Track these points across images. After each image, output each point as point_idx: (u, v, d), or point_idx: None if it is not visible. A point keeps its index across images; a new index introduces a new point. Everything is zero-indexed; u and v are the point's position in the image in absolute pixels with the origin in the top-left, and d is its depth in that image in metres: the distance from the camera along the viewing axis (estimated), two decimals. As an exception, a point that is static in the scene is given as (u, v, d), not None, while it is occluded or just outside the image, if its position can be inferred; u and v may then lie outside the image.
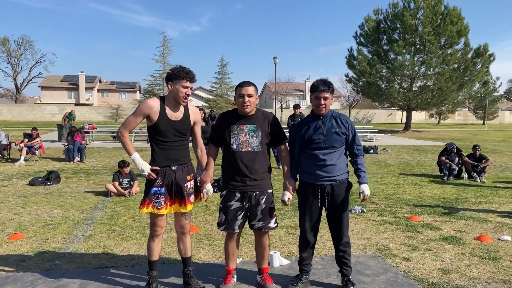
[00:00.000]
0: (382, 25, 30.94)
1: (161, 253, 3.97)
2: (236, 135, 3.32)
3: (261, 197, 3.37)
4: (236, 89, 3.37)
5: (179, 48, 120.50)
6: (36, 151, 12.32)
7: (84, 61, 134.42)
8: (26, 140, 11.99)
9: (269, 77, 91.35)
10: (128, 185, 7.50)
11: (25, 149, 11.79)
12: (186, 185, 3.33)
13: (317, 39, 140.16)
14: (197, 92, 59.94)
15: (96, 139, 20.29)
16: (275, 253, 4.10)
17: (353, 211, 6.21)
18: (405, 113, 39.09)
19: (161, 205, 3.25)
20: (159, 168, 3.25)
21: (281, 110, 49.75)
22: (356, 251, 4.50)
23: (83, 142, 12.60)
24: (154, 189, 3.25)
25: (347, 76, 33.51)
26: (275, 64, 32.77)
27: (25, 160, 11.74)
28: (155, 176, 3.23)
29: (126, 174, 7.53)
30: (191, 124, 3.39)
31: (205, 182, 3.39)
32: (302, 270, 3.57)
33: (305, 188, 3.43)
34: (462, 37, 29.01)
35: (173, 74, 3.21)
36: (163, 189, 3.26)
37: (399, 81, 31.48)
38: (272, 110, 41.92)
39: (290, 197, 3.42)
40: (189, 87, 3.22)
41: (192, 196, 3.40)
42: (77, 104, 55.01)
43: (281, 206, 6.41)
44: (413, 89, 31.03)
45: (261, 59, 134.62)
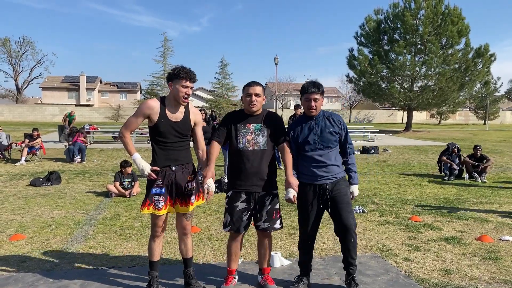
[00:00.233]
0: (382, 25, 30.96)
1: (162, 254, 3.97)
2: (243, 133, 3.33)
3: (266, 197, 3.38)
4: (243, 88, 3.40)
5: (180, 48, 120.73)
6: (37, 152, 12.33)
7: (84, 62, 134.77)
8: (27, 140, 12.00)
9: (269, 77, 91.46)
10: (130, 185, 7.50)
11: (26, 149, 11.79)
12: (186, 186, 3.33)
13: (318, 39, 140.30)
14: (198, 93, 59.97)
15: (96, 139, 20.31)
16: (276, 253, 4.10)
17: (353, 212, 6.19)
18: (406, 113, 39.09)
19: (161, 205, 3.25)
20: (159, 169, 3.25)
21: (282, 110, 49.77)
22: (357, 251, 4.49)
23: (83, 140, 12.61)
24: (154, 189, 3.26)
25: (347, 76, 33.53)
26: (276, 64, 32.76)
27: (26, 160, 11.75)
28: (155, 176, 3.24)
29: (128, 174, 7.53)
30: (192, 125, 3.38)
31: (206, 177, 3.25)
32: (303, 271, 3.57)
33: (304, 189, 3.42)
34: (462, 37, 29.03)
35: (173, 74, 3.21)
36: (163, 189, 3.26)
37: (400, 81, 31.48)
38: (273, 111, 41.78)
39: (295, 193, 3.27)
40: (189, 87, 3.21)
41: (193, 197, 3.39)
42: (77, 105, 55.11)
43: (282, 207, 6.40)
44: (414, 89, 31.04)
45: (261, 59, 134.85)
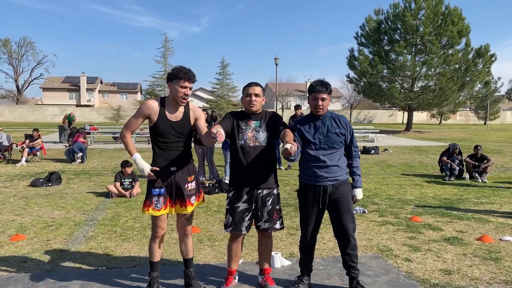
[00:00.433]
0: (383, 25, 30.97)
1: (162, 254, 3.96)
2: (244, 130, 3.36)
3: (267, 198, 3.38)
4: (243, 89, 3.45)
5: (180, 48, 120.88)
6: (38, 152, 12.34)
7: (85, 62, 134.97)
8: (27, 141, 12.01)
9: (270, 77, 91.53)
10: (130, 186, 7.50)
11: (26, 150, 11.80)
12: (186, 186, 3.32)
13: (318, 40, 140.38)
14: (198, 93, 59.99)
15: (97, 140, 20.32)
16: (276, 254, 4.09)
17: (354, 212, 6.19)
18: (406, 114, 39.09)
19: (160, 206, 3.26)
20: (158, 169, 3.25)
21: (282, 110, 49.78)
22: (357, 254, 4.49)
23: (84, 141, 12.62)
24: (154, 190, 3.27)
25: (348, 76, 33.56)
26: (276, 64, 32.75)
27: (26, 161, 11.76)
28: (155, 177, 3.24)
29: (128, 175, 7.53)
30: (191, 124, 3.36)
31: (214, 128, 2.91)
32: (303, 271, 3.56)
33: (306, 190, 3.42)
34: (463, 37, 29.04)
35: (172, 74, 3.22)
36: (162, 190, 3.27)
37: (400, 82, 31.48)
38: (273, 111, 41.78)
39: (291, 145, 2.90)
40: (187, 87, 3.21)
41: (193, 198, 3.39)
42: (78, 105, 55.15)
43: (282, 207, 6.38)
44: (414, 89, 31.04)
45: (261, 59, 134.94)
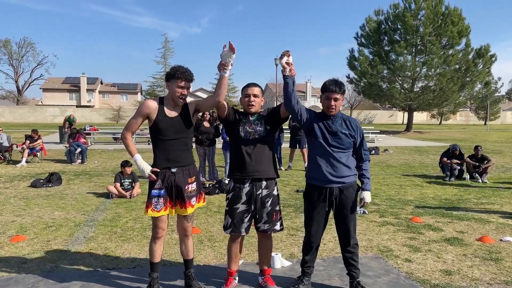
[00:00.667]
0: (383, 26, 30.96)
1: (162, 255, 3.96)
2: (244, 123, 3.40)
3: (267, 199, 3.39)
4: (242, 89, 3.47)
5: (180, 49, 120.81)
6: (38, 153, 12.34)
7: (85, 63, 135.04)
8: (27, 142, 12.01)
9: (270, 78, 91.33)
10: (130, 186, 7.49)
11: (26, 151, 11.80)
12: (187, 188, 3.32)
13: (318, 40, 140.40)
14: (198, 93, 60.01)
15: (97, 140, 20.31)
16: (276, 254, 4.09)
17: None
18: (406, 114, 39.05)
19: (159, 207, 3.26)
20: (159, 170, 3.25)
21: (282, 111, 49.70)
22: (358, 254, 4.49)
23: (84, 142, 12.62)
24: (153, 191, 3.27)
25: (348, 77, 33.53)
26: (276, 65, 32.76)
27: (26, 162, 11.76)
28: (155, 178, 3.24)
29: (128, 175, 7.53)
30: (191, 118, 3.36)
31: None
32: (304, 272, 3.56)
33: (312, 192, 3.40)
34: (463, 37, 29.02)
35: (170, 74, 3.22)
36: (162, 191, 3.27)
37: (400, 82, 31.47)
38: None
39: (288, 60, 3.18)
40: (185, 87, 3.21)
41: (194, 199, 3.39)
42: (78, 106, 55.16)
43: (282, 208, 6.38)
44: (415, 89, 31.02)
45: (262, 60, 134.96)
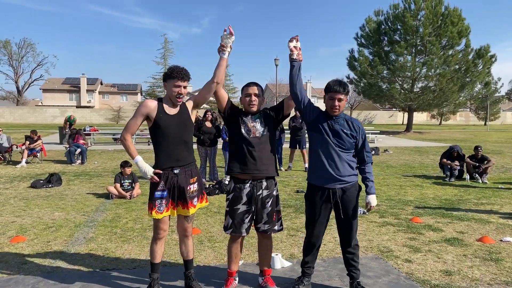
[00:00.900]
0: (383, 26, 30.99)
1: (162, 256, 3.95)
2: (245, 121, 3.39)
3: (267, 199, 3.38)
4: (242, 89, 3.45)
5: (180, 49, 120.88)
6: (38, 154, 12.34)
7: (85, 64, 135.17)
8: (27, 142, 12.01)
9: (270, 78, 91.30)
10: (130, 186, 7.49)
11: (26, 151, 11.79)
12: (189, 188, 3.32)
13: (318, 40, 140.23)
14: (198, 94, 59.92)
15: (97, 141, 20.30)
16: (276, 255, 4.09)
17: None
18: (406, 114, 39.07)
19: (162, 209, 3.25)
20: (161, 172, 3.24)
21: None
22: (359, 255, 4.49)
23: (84, 142, 12.61)
24: (157, 193, 3.25)
25: (348, 77, 33.53)
26: (276, 65, 32.79)
27: (26, 162, 11.75)
28: (158, 179, 3.23)
29: (128, 176, 7.52)
30: (190, 113, 3.36)
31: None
32: (304, 273, 3.56)
33: (314, 192, 3.39)
34: (463, 38, 29.05)
35: (166, 74, 3.23)
36: (165, 192, 3.26)
37: (400, 82, 31.49)
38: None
39: (295, 44, 3.40)
40: (181, 86, 3.21)
41: (196, 199, 3.39)
42: (78, 107, 55.16)
43: (282, 208, 6.38)
44: (415, 90, 31.05)
45: (262, 60, 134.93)
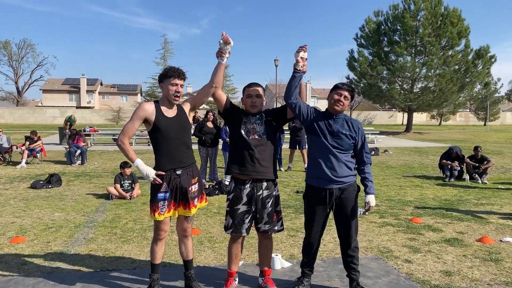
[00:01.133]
0: (382, 26, 31.00)
1: (162, 256, 3.95)
2: (245, 122, 3.38)
3: (267, 200, 3.38)
4: (244, 89, 3.43)
5: (180, 50, 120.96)
6: (38, 154, 12.33)
7: (85, 64, 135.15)
8: (27, 143, 12.01)
9: (270, 79, 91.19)
10: (130, 187, 7.49)
11: (26, 152, 11.79)
12: (190, 189, 3.32)
13: (318, 41, 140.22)
14: (198, 95, 59.91)
15: (97, 141, 20.29)
16: (276, 255, 4.09)
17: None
18: (406, 115, 39.06)
19: (165, 210, 3.25)
20: (164, 173, 3.23)
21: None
22: (359, 257, 4.49)
23: (83, 145, 12.62)
24: (160, 195, 3.24)
25: (348, 78, 33.54)
26: (276, 66, 32.81)
27: (26, 163, 11.75)
28: (160, 181, 3.21)
29: (128, 176, 7.52)
30: (187, 115, 3.36)
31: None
32: (304, 273, 3.56)
33: (312, 193, 3.39)
34: (462, 38, 29.06)
35: (162, 75, 3.25)
36: (167, 194, 3.25)
37: (400, 83, 31.50)
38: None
39: (302, 55, 3.27)
40: (178, 84, 3.22)
41: (196, 200, 3.39)
42: (78, 107, 55.14)
43: (282, 209, 6.37)
44: (414, 90, 31.05)
45: (262, 61, 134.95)
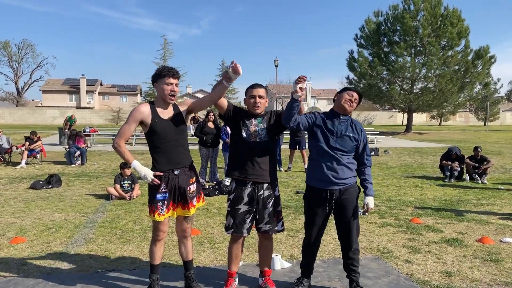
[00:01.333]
0: (382, 27, 31.02)
1: (162, 257, 3.95)
2: (247, 125, 3.38)
3: (268, 200, 3.38)
4: (247, 90, 3.43)
5: (180, 51, 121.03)
6: (37, 155, 12.33)
7: (85, 64, 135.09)
8: (27, 143, 12.00)
9: (270, 79, 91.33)
10: (129, 187, 7.49)
11: (26, 152, 11.79)
12: (189, 189, 3.31)
13: (318, 41, 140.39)
14: (198, 95, 60.02)
15: (97, 142, 20.29)
16: (276, 256, 4.09)
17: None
18: (406, 115, 39.07)
19: (164, 211, 3.24)
20: (162, 174, 3.22)
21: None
22: (359, 259, 4.49)
23: (84, 146, 12.62)
24: (159, 195, 3.23)
25: (347, 78, 33.58)
26: (276, 66, 32.79)
27: (26, 163, 11.75)
28: (159, 182, 3.20)
29: (128, 176, 7.52)
30: (184, 117, 3.34)
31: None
32: (304, 274, 3.56)
33: (312, 194, 3.39)
34: (462, 38, 29.08)
35: (156, 75, 3.21)
36: (166, 194, 3.24)
37: (400, 83, 31.51)
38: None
39: (301, 85, 3.09)
40: (173, 83, 3.20)
41: (195, 200, 3.39)
42: (78, 108, 55.12)
43: (282, 209, 6.38)
44: (414, 91, 31.07)
45: (261, 61, 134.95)
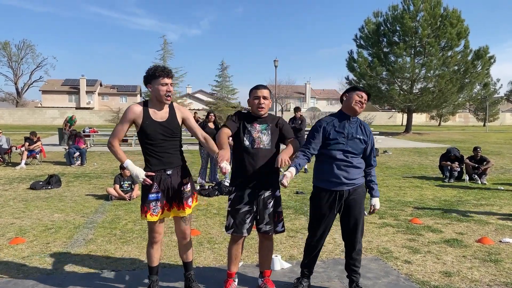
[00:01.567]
0: (382, 27, 31.05)
1: (162, 257, 3.96)
2: (249, 132, 3.35)
3: (269, 200, 3.38)
4: (251, 91, 3.42)
5: (180, 51, 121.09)
6: (37, 155, 12.32)
7: (85, 65, 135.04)
8: (27, 144, 12.00)
9: (269, 79, 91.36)
10: (129, 188, 7.49)
11: (26, 153, 11.79)
12: (183, 189, 3.29)
13: (318, 42, 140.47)
14: (198, 95, 60.03)
15: (97, 142, 20.28)
16: (276, 256, 4.09)
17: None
18: (405, 115, 39.11)
19: (157, 211, 3.21)
20: (154, 174, 3.20)
21: (282, 113, 49.74)
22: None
23: (83, 146, 12.62)
24: (151, 195, 3.20)
25: (347, 78, 33.64)
26: (276, 67, 32.82)
27: (26, 164, 11.74)
28: (151, 182, 3.17)
29: (128, 177, 7.51)
30: (179, 123, 3.31)
31: (222, 159, 3.00)
32: (304, 274, 3.56)
33: (320, 194, 3.37)
34: (462, 39, 29.12)
35: (149, 75, 3.17)
36: (159, 194, 3.22)
37: (399, 83, 31.54)
38: (272, 113, 41.78)
39: (289, 175, 3.00)
40: (168, 83, 3.16)
41: (190, 200, 3.37)
42: (78, 108, 55.13)
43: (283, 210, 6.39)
44: (414, 91, 31.10)
45: (261, 61, 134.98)
